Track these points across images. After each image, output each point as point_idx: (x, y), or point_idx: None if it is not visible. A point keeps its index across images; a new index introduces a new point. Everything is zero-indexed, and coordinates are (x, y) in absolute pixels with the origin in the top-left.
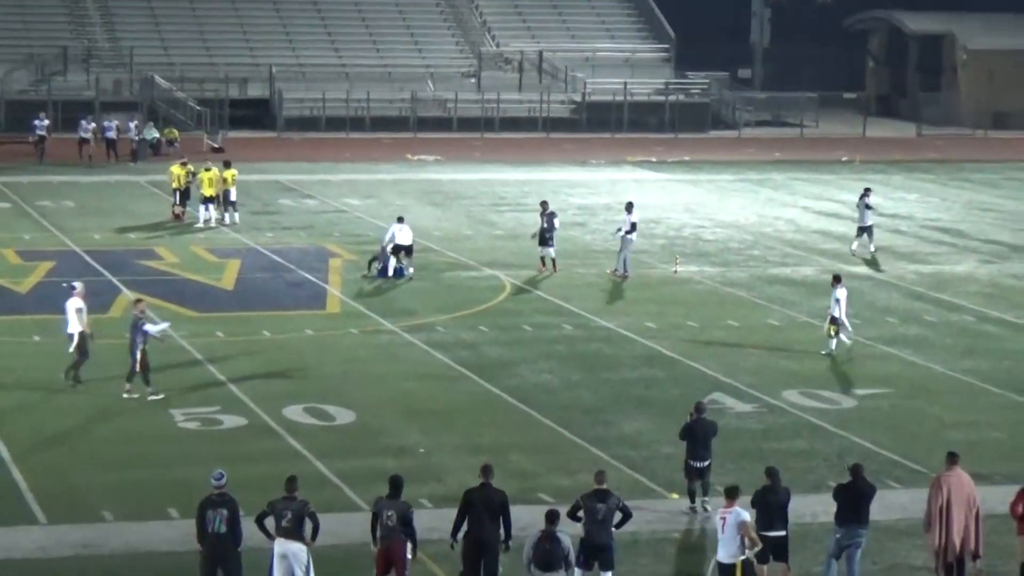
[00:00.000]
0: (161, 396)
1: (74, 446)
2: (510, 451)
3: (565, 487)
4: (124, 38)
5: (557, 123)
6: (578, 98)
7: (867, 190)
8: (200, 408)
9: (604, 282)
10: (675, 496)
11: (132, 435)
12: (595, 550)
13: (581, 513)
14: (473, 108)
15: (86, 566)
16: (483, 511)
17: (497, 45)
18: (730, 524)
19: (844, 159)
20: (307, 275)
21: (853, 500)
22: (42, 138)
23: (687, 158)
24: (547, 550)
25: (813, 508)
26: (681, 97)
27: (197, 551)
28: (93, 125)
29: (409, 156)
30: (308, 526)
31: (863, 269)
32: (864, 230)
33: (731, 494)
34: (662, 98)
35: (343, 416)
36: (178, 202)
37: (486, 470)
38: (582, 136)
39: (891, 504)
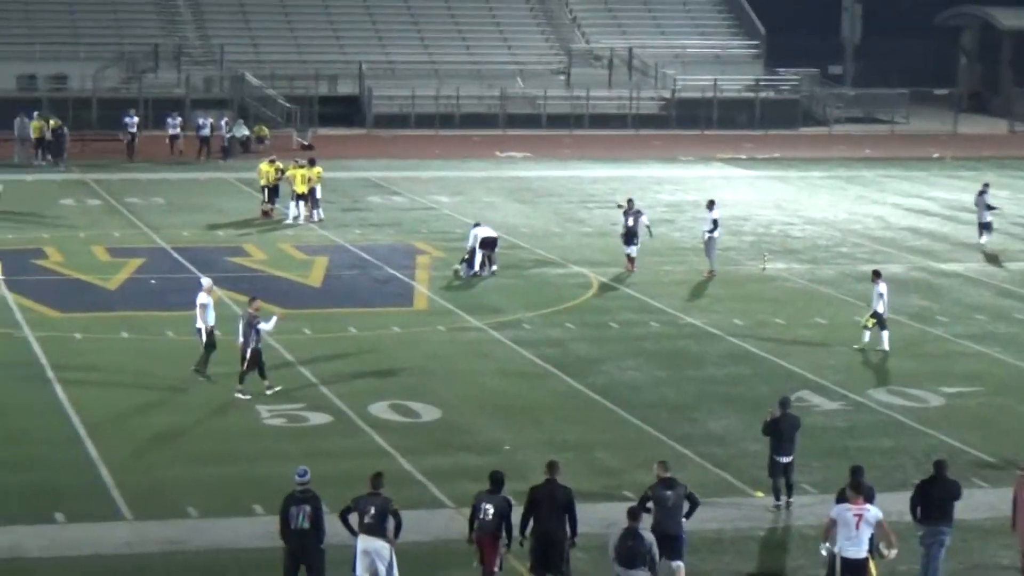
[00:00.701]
0: (279, 389)
1: (161, 443)
2: (595, 448)
3: (649, 483)
4: (215, 35)
5: (646, 120)
6: (668, 95)
7: (986, 185)
8: (286, 405)
9: (691, 279)
10: (760, 494)
11: (218, 432)
12: (665, 539)
13: (651, 504)
14: (562, 105)
15: (172, 562)
16: (549, 508)
17: (587, 42)
18: (866, 520)
19: (935, 156)
20: (395, 272)
21: (936, 497)
22: (133, 136)
23: (777, 155)
24: (630, 547)
25: (899, 507)
26: (771, 94)
27: (281, 547)
28: (180, 120)
29: (498, 153)
30: (391, 523)
31: (953, 266)
32: (984, 226)
33: (862, 490)
34: (752, 94)
35: (429, 413)
36: (267, 199)
37: (552, 466)
38: (671, 133)
39: (978, 503)
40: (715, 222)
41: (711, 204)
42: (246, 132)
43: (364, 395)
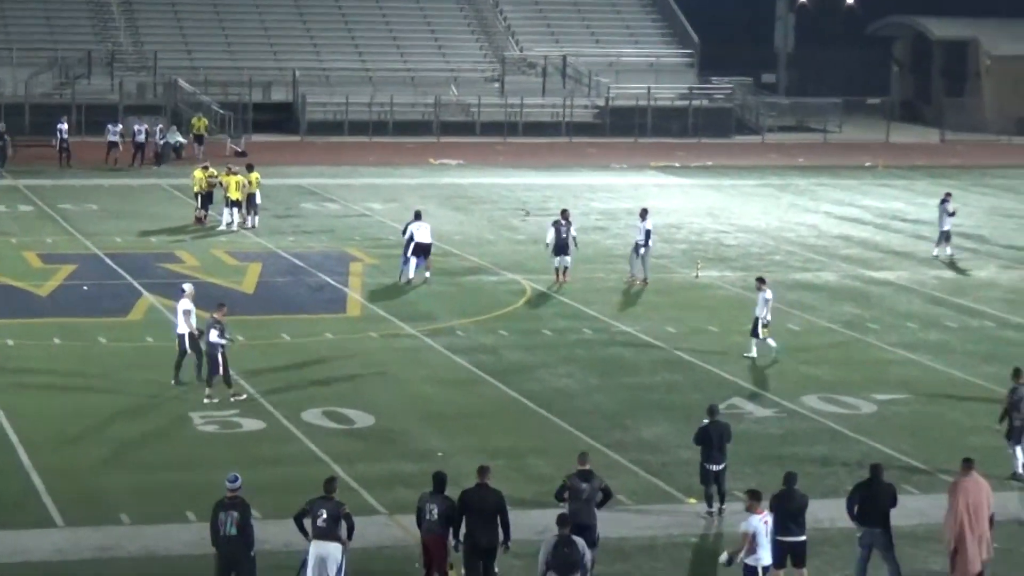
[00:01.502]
0: (244, 397)
1: (92, 448)
2: (529, 455)
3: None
4: (148, 42)
5: (581, 128)
6: (601, 103)
7: (948, 195)
8: (219, 412)
9: (624, 287)
10: (693, 501)
11: (151, 438)
12: (579, 528)
13: (567, 494)
14: (496, 112)
15: (104, 569)
16: (479, 512)
17: (521, 49)
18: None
19: (868, 164)
20: (328, 279)
21: (872, 499)
22: (64, 142)
23: (710, 163)
24: (565, 554)
25: (831, 513)
26: (705, 102)
27: (212, 554)
28: (120, 128)
29: (432, 160)
30: (343, 526)
31: (885, 274)
32: (944, 235)
33: (758, 497)
34: (686, 103)
35: (362, 420)
36: (200, 206)
37: (482, 471)
38: (606, 141)
39: (910, 510)
40: (647, 232)
41: (644, 213)
42: (180, 139)
43: (298, 402)
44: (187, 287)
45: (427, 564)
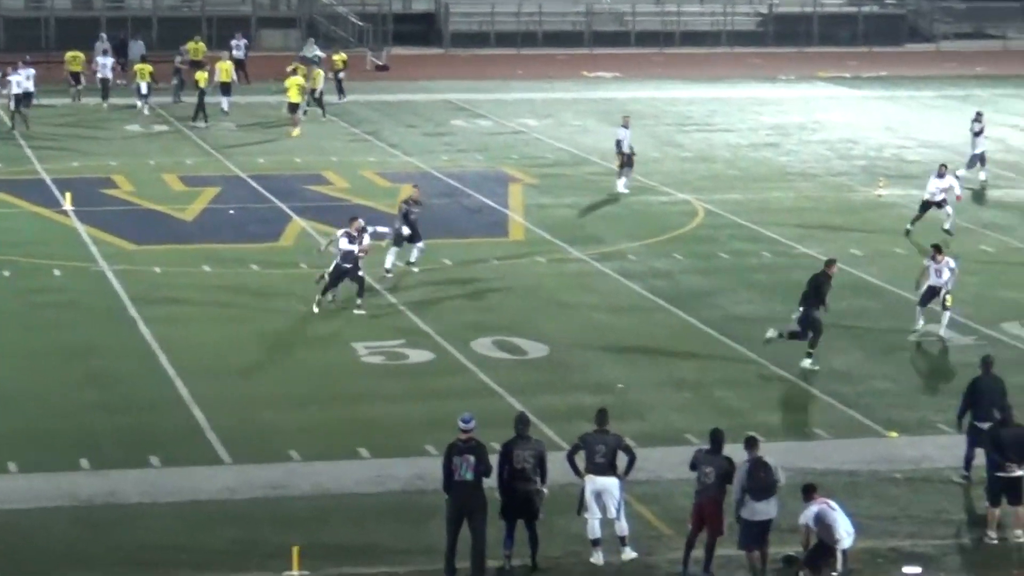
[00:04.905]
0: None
1: (252, 381)
2: (714, 387)
3: (774, 424)
4: None
5: (742, 37)
6: (764, 10)
7: (979, 113)
8: (384, 342)
9: (803, 207)
10: (894, 434)
11: (314, 370)
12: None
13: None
14: (652, 21)
15: (277, 507)
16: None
17: None
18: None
19: None
20: (487, 200)
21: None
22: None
23: (883, 73)
24: (762, 478)
25: None
26: (875, 8)
27: (443, 499)
28: (245, 42)
29: (585, 73)
30: (622, 459)
31: None
32: (977, 157)
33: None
34: (854, 9)
35: (535, 350)
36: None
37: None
38: (769, 51)
39: None
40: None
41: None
42: (318, 52)
43: (465, 331)
44: (360, 222)
45: (697, 528)
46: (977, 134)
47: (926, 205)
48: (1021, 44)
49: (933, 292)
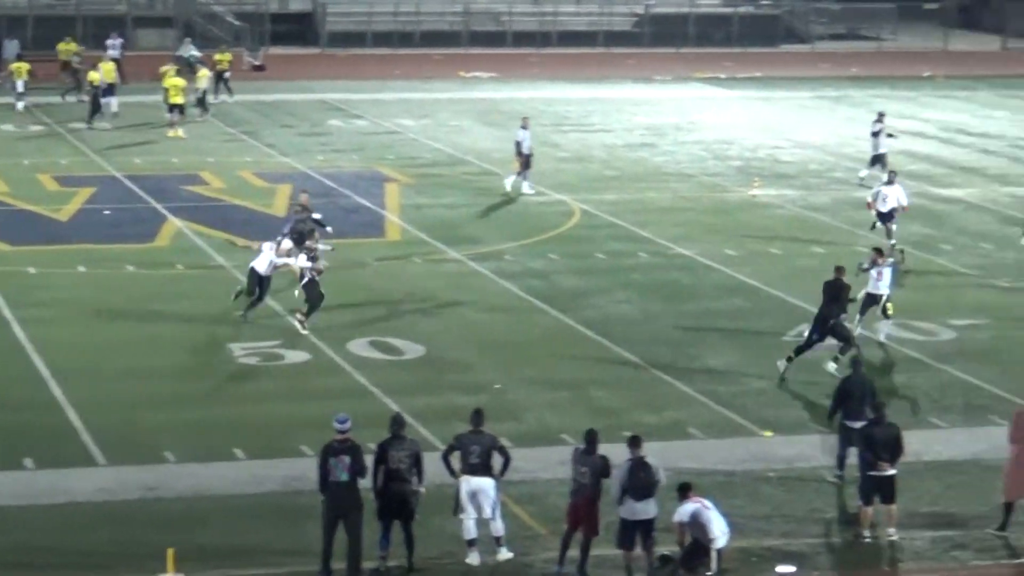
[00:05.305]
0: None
1: (128, 382)
2: (590, 387)
3: (651, 424)
4: None
5: (618, 37)
6: (640, 10)
7: (880, 115)
8: (260, 343)
9: (679, 207)
10: (768, 434)
11: (189, 371)
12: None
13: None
14: (529, 21)
15: (153, 509)
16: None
17: None
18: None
19: (926, 74)
20: (363, 201)
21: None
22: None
23: (758, 74)
24: (642, 478)
25: (915, 446)
26: (750, 9)
27: (319, 499)
28: (121, 41)
29: (462, 73)
30: (497, 460)
31: (954, 192)
32: (877, 158)
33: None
34: (730, 10)
35: (412, 350)
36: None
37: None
38: (645, 51)
39: (1001, 443)
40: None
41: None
42: (195, 52)
43: (342, 330)
44: (286, 242)
45: (572, 528)
46: (877, 135)
47: (883, 216)
48: (895, 45)
49: (872, 299)
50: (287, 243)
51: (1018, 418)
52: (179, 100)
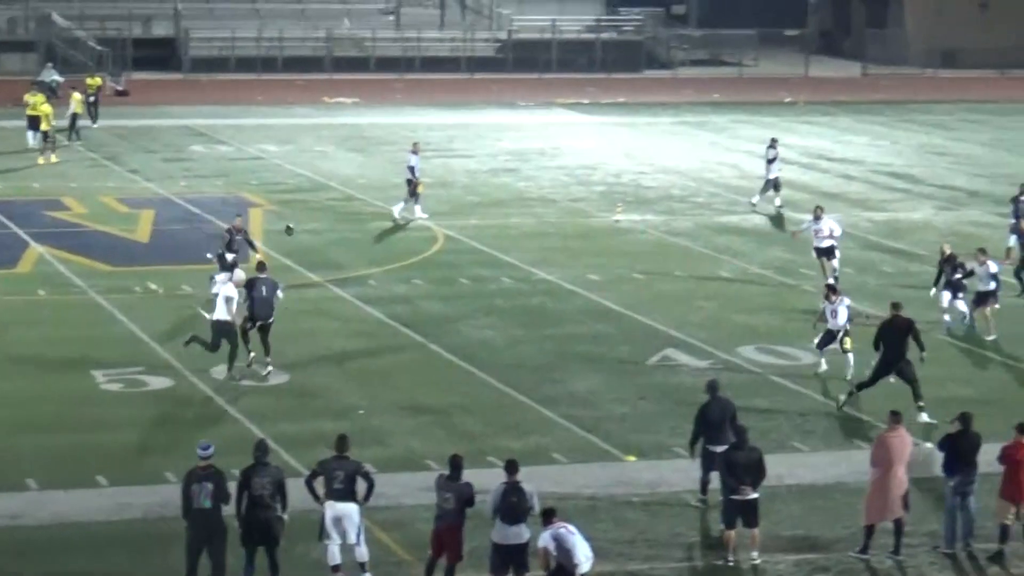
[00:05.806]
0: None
1: None
2: (454, 412)
3: (515, 449)
4: None
5: (482, 63)
6: (504, 36)
7: (773, 140)
8: (123, 368)
9: (542, 232)
10: (631, 458)
11: (53, 398)
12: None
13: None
14: (392, 47)
15: (13, 537)
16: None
17: None
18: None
19: (787, 100)
20: (226, 226)
21: (965, 450)
22: None
23: (621, 100)
24: (514, 503)
25: (777, 470)
26: (613, 35)
27: (184, 526)
28: None
29: (326, 98)
30: (361, 485)
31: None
32: (771, 183)
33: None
34: (593, 36)
35: (275, 376)
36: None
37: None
38: (508, 76)
39: (863, 466)
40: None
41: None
42: (56, 77)
43: (205, 358)
44: (238, 272)
45: (436, 554)
46: (771, 160)
47: (820, 252)
48: (756, 71)
49: (831, 336)
50: (240, 274)
51: (880, 442)
52: (46, 127)
